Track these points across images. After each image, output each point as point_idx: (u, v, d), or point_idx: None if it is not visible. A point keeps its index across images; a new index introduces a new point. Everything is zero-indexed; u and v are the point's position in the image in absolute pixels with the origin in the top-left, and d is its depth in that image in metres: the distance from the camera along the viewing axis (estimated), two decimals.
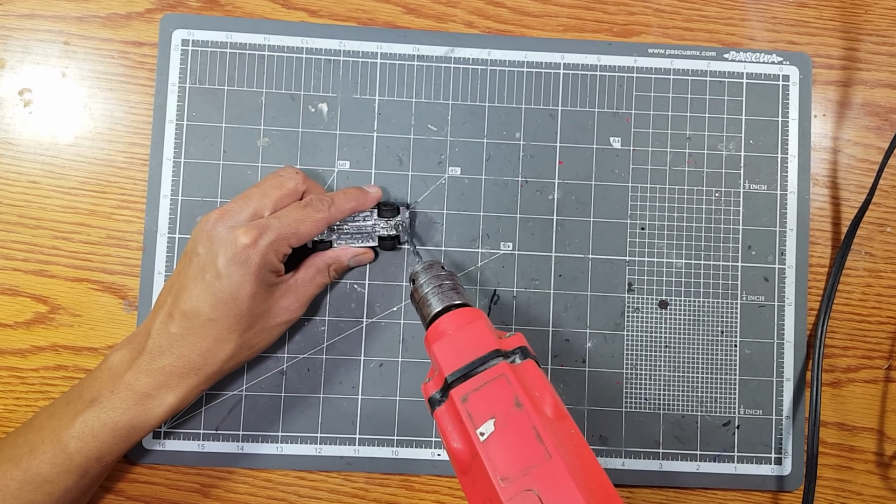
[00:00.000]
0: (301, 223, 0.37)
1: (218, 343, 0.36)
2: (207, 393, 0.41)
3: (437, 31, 0.44)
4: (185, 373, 0.35)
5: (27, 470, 0.34)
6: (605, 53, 0.44)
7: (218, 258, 0.35)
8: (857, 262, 0.44)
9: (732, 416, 0.43)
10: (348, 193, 0.40)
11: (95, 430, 0.34)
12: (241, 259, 0.35)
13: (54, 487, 0.34)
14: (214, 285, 0.35)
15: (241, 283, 0.35)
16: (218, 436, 0.41)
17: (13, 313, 0.42)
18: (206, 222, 0.36)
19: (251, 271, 0.35)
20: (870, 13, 0.46)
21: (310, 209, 0.37)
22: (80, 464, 0.34)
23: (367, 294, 0.42)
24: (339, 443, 0.42)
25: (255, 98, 0.43)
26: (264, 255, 0.35)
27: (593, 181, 0.43)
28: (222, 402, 0.42)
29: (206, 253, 0.35)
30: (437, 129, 0.43)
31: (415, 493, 0.42)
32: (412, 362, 0.42)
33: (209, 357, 0.36)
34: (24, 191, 0.42)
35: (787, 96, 0.44)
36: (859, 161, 0.45)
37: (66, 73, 0.43)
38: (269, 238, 0.35)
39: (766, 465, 0.42)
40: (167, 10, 0.43)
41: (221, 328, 0.35)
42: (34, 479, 0.34)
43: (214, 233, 0.36)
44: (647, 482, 0.42)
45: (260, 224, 0.36)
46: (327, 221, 0.38)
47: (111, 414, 0.35)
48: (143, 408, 0.35)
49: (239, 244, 0.35)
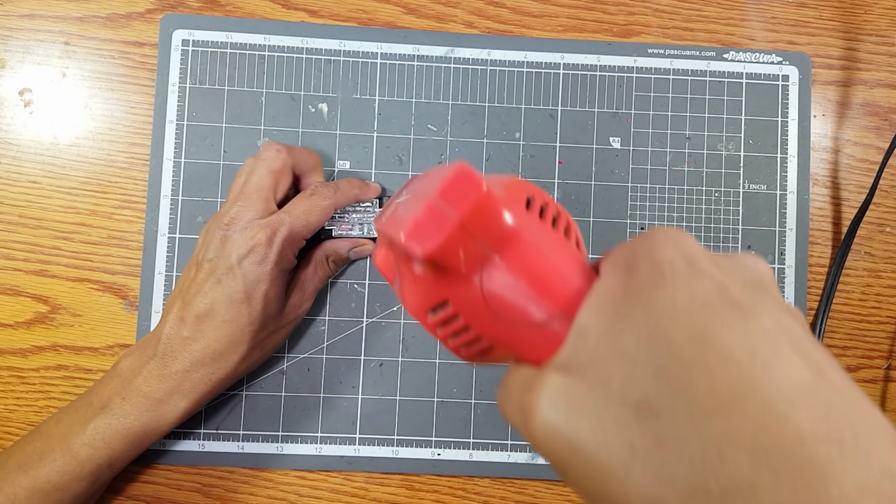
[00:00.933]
0: (310, 214, 0.37)
1: (231, 345, 0.35)
2: None
3: (437, 32, 0.44)
4: (197, 377, 0.35)
5: (37, 478, 0.34)
6: (605, 53, 0.44)
7: (232, 259, 0.35)
8: (857, 262, 0.44)
9: None
10: (352, 181, 0.40)
11: (107, 436, 0.34)
12: (257, 258, 0.35)
13: (64, 495, 0.34)
14: (230, 285, 0.34)
15: (257, 282, 0.35)
16: (218, 435, 0.41)
17: (14, 313, 0.42)
18: (217, 228, 0.36)
19: (268, 270, 0.35)
20: (869, 13, 0.46)
21: (316, 197, 0.37)
22: (91, 471, 0.34)
23: (368, 294, 0.42)
24: (340, 442, 0.42)
25: (255, 98, 0.43)
26: (281, 251, 0.35)
27: (593, 181, 0.43)
28: (223, 402, 0.42)
29: (218, 256, 0.35)
30: (437, 130, 0.43)
31: (415, 493, 0.42)
32: (413, 362, 0.42)
33: (222, 360, 0.35)
34: (24, 191, 0.42)
35: (787, 96, 0.44)
36: (859, 161, 0.45)
37: (67, 73, 0.43)
38: (284, 234, 0.35)
39: None
40: (167, 11, 0.43)
41: (234, 330, 0.35)
42: (44, 487, 0.34)
43: (227, 236, 0.35)
44: None
45: (272, 221, 0.35)
46: (334, 207, 0.38)
47: (123, 420, 0.34)
48: (156, 414, 0.35)
49: (254, 243, 0.35)
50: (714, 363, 0.17)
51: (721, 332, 0.17)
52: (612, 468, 0.17)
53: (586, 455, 0.18)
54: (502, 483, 0.42)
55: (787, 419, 0.15)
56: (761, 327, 0.17)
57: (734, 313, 0.17)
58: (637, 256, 0.20)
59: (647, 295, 0.18)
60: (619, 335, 0.18)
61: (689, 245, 0.19)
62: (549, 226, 0.22)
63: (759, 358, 0.16)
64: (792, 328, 0.18)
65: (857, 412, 0.16)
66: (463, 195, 0.20)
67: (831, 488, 0.15)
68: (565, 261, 0.21)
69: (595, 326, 0.19)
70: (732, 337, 0.17)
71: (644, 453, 0.17)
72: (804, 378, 0.16)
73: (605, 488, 0.17)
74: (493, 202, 0.20)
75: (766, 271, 0.20)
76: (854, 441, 0.15)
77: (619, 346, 0.18)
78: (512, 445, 0.42)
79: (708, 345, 0.17)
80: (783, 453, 0.15)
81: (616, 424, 0.17)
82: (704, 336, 0.17)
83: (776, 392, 0.16)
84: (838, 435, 0.15)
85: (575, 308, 0.20)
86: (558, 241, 0.22)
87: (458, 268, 0.20)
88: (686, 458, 0.16)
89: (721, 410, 0.16)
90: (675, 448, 0.16)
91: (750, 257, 0.20)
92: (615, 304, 0.19)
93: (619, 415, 0.17)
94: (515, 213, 0.21)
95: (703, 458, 0.16)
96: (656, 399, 0.17)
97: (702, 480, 0.16)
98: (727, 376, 0.16)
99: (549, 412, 0.18)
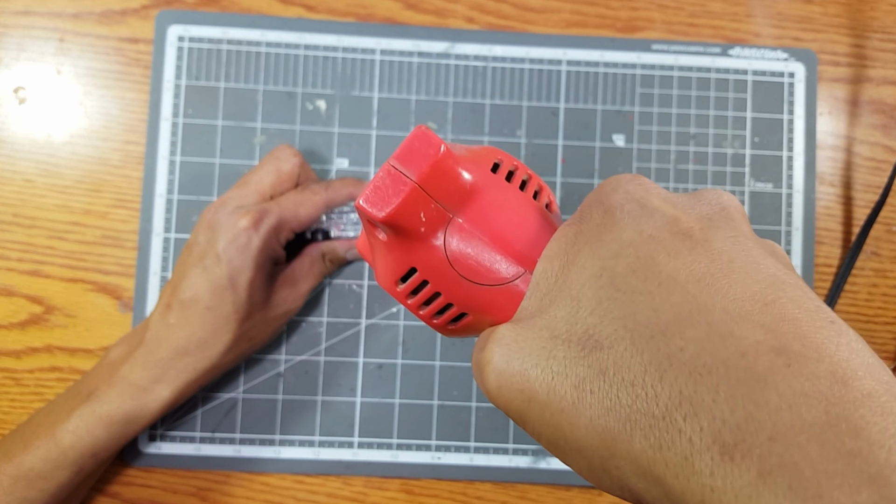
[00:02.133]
0: (300, 206, 0.36)
1: (216, 334, 0.35)
2: (204, 395, 0.41)
3: (437, 28, 0.43)
4: (181, 366, 0.35)
5: (20, 465, 0.33)
6: (609, 49, 0.43)
7: (218, 243, 0.34)
8: (864, 262, 0.44)
9: None
10: (345, 180, 0.40)
11: (90, 424, 0.34)
12: (241, 243, 0.34)
13: (47, 484, 0.34)
14: (213, 271, 0.34)
15: (241, 268, 0.34)
16: (215, 439, 0.41)
17: (8, 314, 0.41)
18: (207, 212, 0.36)
19: (252, 255, 0.34)
20: (876, 9, 0.45)
21: (307, 192, 0.37)
22: (74, 459, 0.34)
23: (366, 295, 0.42)
24: (338, 446, 0.41)
25: (251, 95, 0.42)
26: (266, 238, 0.35)
27: (596, 179, 0.43)
28: (219, 405, 0.41)
29: (206, 240, 0.35)
30: (438, 127, 0.43)
31: (414, 498, 0.41)
32: (412, 364, 0.42)
33: (207, 349, 0.35)
34: (18, 190, 0.42)
35: (793, 93, 0.44)
36: (865, 159, 0.44)
37: (62, 70, 0.42)
38: (271, 221, 0.35)
39: None
40: (163, 7, 0.43)
41: (219, 317, 0.35)
42: (27, 475, 0.33)
43: (215, 220, 0.35)
44: None
45: (261, 208, 0.35)
46: (325, 204, 0.38)
47: (105, 407, 0.34)
48: (138, 402, 0.34)
49: (239, 228, 0.34)
50: (656, 289, 0.17)
51: (665, 259, 0.17)
52: (563, 408, 0.17)
53: (539, 400, 0.18)
54: (503, 487, 0.42)
55: (729, 336, 0.15)
56: (711, 251, 0.17)
57: (683, 242, 0.17)
58: (590, 204, 0.20)
59: (595, 237, 0.19)
60: (566, 278, 0.19)
61: (644, 187, 0.19)
62: (515, 187, 0.22)
63: (705, 280, 0.17)
64: (748, 250, 0.17)
65: (811, 322, 0.15)
66: (421, 156, 0.20)
67: (770, 395, 0.14)
68: (530, 219, 0.21)
69: (546, 275, 0.19)
70: (677, 263, 0.17)
71: (590, 386, 0.17)
72: (755, 294, 0.16)
73: (559, 429, 0.17)
74: (450, 162, 0.20)
75: (729, 202, 0.19)
76: (802, 350, 0.15)
77: (565, 289, 0.18)
78: (514, 449, 0.41)
79: (651, 273, 0.17)
80: (724, 369, 0.15)
81: (564, 364, 0.17)
82: (648, 265, 0.17)
83: (721, 311, 0.16)
84: (784, 345, 0.15)
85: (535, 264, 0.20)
86: (524, 200, 0.22)
87: (419, 231, 0.20)
88: (628, 383, 0.16)
89: (662, 334, 0.16)
90: (618, 375, 0.16)
91: (713, 192, 0.20)
92: (566, 252, 0.19)
93: (566, 354, 0.17)
94: (477, 173, 0.21)
95: (643, 382, 0.16)
96: (599, 332, 0.17)
97: (644, 404, 0.16)
98: (669, 300, 0.16)
99: (500, 364, 0.18)
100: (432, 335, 0.42)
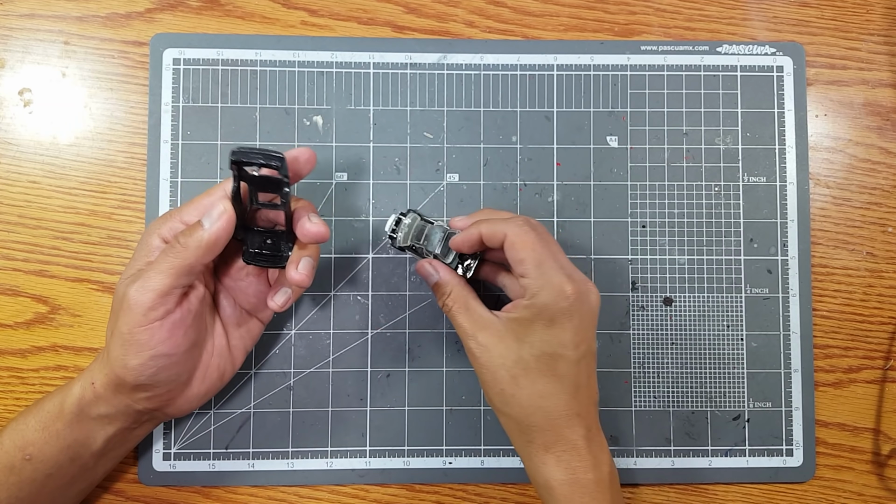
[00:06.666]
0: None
1: None
2: (216, 412, 0.41)
3: (429, 39, 0.44)
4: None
5: None
6: (598, 52, 0.44)
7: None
8: (859, 263, 0.44)
9: (742, 409, 0.43)
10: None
11: (24, 416, 0.35)
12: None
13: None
14: None
15: None
16: (228, 454, 0.41)
17: (13, 313, 0.42)
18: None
19: None
20: (871, 13, 0.45)
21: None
22: (5, 462, 0.34)
23: (371, 305, 0.42)
24: (350, 455, 0.41)
25: (249, 114, 0.43)
26: None
27: (592, 181, 0.43)
28: (231, 421, 0.41)
29: None
30: (434, 137, 0.43)
31: (415, 494, 0.42)
32: (420, 371, 0.42)
33: None
34: (24, 191, 0.42)
35: (782, 87, 0.44)
36: (861, 161, 0.45)
37: (67, 72, 0.43)
38: None
39: (777, 457, 0.42)
40: (167, 10, 0.43)
41: None
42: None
43: None
44: (661, 480, 0.42)
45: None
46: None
47: (42, 404, 0.35)
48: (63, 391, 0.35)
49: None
50: None
51: None
52: None
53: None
54: (503, 483, 0.42)
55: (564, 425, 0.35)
56: None
57: None
58: None
59: None
60: None
61: None
62: None
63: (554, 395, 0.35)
64: None
65: (569, 421, 0.35)
66: None
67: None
68: None
69: None
70: None
71: None
72: None
73: None
74: None
75: None
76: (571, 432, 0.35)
77: None
78: None
79: None
80: None
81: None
82: None
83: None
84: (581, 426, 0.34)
85: None
86: None
87: None
88: None
89: None
90: None
91: None
92: None
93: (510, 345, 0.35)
94: None
95: None
96: None
97: None
98: None
99: None
100: (439, 342, 0.42)
